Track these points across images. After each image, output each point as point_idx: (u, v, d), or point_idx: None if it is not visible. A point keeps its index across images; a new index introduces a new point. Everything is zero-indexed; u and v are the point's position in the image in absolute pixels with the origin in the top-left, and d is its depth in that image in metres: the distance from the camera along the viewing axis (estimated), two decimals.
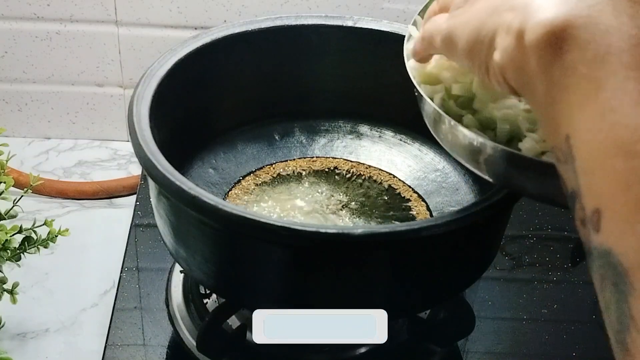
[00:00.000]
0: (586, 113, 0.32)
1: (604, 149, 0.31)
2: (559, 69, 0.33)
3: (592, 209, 0.31)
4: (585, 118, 0.32)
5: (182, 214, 0.57)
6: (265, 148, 0.77)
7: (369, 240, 0.51)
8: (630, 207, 0.30)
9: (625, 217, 0.30)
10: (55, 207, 0.88)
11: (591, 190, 0.32)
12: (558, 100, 0.33)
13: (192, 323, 0.67)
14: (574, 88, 0.32)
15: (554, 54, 0.33)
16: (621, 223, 0.30)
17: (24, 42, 0.91)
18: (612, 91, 0.31)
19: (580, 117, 0.32)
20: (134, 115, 0.59)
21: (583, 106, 0.32)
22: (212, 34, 0.70)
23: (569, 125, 0.33)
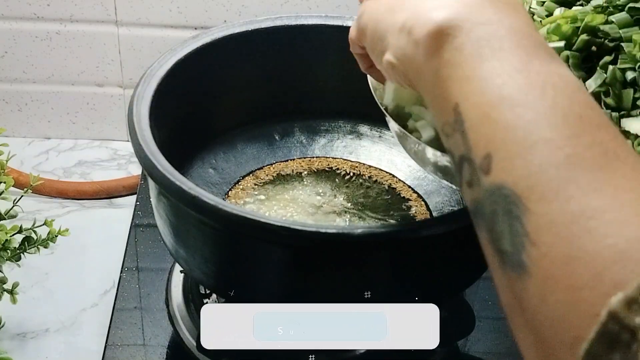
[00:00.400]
0: (475, 81, 0.37)
1: (492, 104, 0.36)
2: (448, 51, 0.39)
3: (483, 156, 0.36)
4: (474, 84, 0.37)
5: (182, 214, 0.57)
6: (265, 148, 0.77)
7: (369, 240, 0.51)
8: (519, 142, 0.34)
9: (516, 152, 0.34)
10: (55, 207, 0.88)
11: (481, 141, 0.36)
12: (448, 78, 0.39)
13: (192, 323, 0.67)
14: (462, 64, 0.38)
15: (443, 41, 0.39)
16: (511, 158, 0.35)
17: (24, 42, 0.91)
18: (497, 61, 0.37)
19: (469, 85, 0.38)
20: (134, 115, 0.59)
21: (471, 77, 0.38)
22: (212, 34, 0.70)
23: (459, 94, 0.38)
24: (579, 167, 0.33)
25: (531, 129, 0.34)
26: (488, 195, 0.36)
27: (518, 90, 0.36)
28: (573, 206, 0.32)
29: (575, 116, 0.35)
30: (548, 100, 0.35)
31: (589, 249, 0.31)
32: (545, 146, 0.34)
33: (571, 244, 0.32)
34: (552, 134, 0.34)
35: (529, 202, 0.33)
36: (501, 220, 0.35)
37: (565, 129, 0.34)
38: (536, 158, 0.34)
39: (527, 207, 0.33)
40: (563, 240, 0.32)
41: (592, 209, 0.32)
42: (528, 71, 0.36)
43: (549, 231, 0.32)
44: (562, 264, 0.32)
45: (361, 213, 0.70)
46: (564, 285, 0.31)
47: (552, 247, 0.32)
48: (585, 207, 0.32)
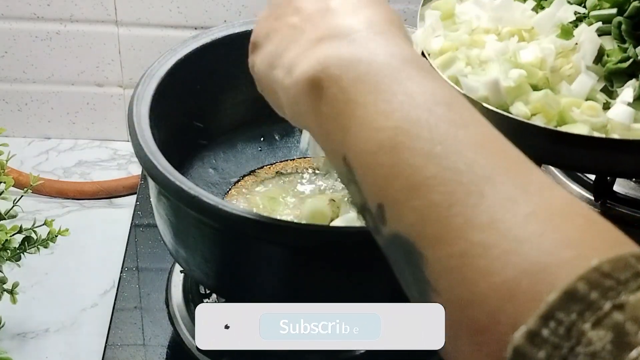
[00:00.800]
0: (352, 131, 0.37)
1: (371, 153, 0.36)
2: (325, 105, 0.38)
3: (376, 206, 0.36)
4: (353, 134, 0.37)
5: (182, 214, 0.57)
6: (265, 148, 0.77)
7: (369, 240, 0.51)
8: (400, 191, 0.34)
9: (400, 200, 0.34)
10: (55, 207, 0.88)
11: (372, 191, 0.36)
12: (330, 130, 0.38)
13: (192, 323, 0.67)
14: (339, 115, 0.37)
15: (318, 94, 0.38)
16: (399, 206, 0.34)
17: (24, 42, 0.91)
18: (367, 105, 0.36)
19: (350, 136, 0.37)
20: (134, 115, 0.59)
21: (349, 127, 0.37)
22: (212, 34, 0.70)
23: (343, 146, 0.37)
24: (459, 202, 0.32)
25: (410, 173, 0.34)
26: (389, 244, 0.36)
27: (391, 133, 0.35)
28: (460, 246, 0.32)
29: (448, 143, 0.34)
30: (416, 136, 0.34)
31: (481, 290, 0.31)
32: (425, 188, 0.33)
33: (465, 286, 0.31)
34: (430, 172, 0.33)
35: (423, 249, 0.33)
36: (405, 269, 0.35)
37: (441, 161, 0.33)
38: (419, 202, 0.33)
39: (422, 254, 0.33)
40: (458, 284, 0.32)
41: (476, 246, 0.31)
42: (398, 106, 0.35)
43: (444, 277, 0.32)
44: (461, 308, 0.32)
45: None
46: (468, 331, 0.32)
47: (451, 292, 0.32)
48: (470, 245, 0.31)
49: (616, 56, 0.62)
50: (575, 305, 0.28)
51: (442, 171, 0.33)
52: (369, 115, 0.36)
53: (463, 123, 0.35)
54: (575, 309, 0.28)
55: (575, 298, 0.29)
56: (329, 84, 0.38)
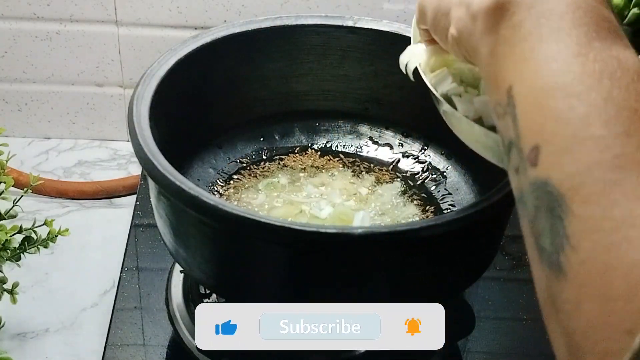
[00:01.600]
0: (530, 63, 0.36)
1: (546, 92, 0.34)
2: (506, 28, 0.37)
3: (531, 147, 0.35)
4: (529, 67, 0.36)
5: (182, 214, 0.57)
6: (265, 148, 0.77)
7: (369, 240, 0.51)
8: (568, 138, 0.33)
9: (564, 147, 0.33)
10: (55, 207, 0.88)
11: (531, 130, 0.35)
12: (503, 56, 0.37)
13: (192, 323, 0.67)
14: (520, 43, 0.36)
15: (501, 16, 0.37)
16: (559, 153, 0.33)
17: (24, 42, 0.91)
18: (555, 43, 0.35)
19: (525, 67, 0.36)
20: (134, 115, 0.59)
21: (527, 58, 0.36)
22: (212, 34, 0.70)
23: (513, 76, 0.36)
24: (627, 169, 0.32)
25: (582, 124, 0.33)
26: (533, 188, 0.35)
27: (573, 79, 0.34)
28: (616, 212, 0.31)
29: (630, 111, 0.33)
30: (603, 92, 0.33)
31: (628, 259, 0.30)
32: (595, 144, 0.32)
33: (610, 252, 0.31)
34: (603, 130, 0.32)
35: (573, 204, 0.32)
36: (544, 217, 0.34)
37: (617, 126, 0.32)
38: (584, 156, 0.32)
39: (570, 209, 0.32)
40: (603, 248, 0.31)
41: (634, 217, 0.31)
42: (586, 56, 0.34)
43: (590, 237, 0.31)
44: (599, 272, 0.31)
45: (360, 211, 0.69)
46: (599, 295, 0.31)
47: (591, 253, 0.31)
48: (628, 214, 0.31)
49: None
50: None
51: (617, 135, 0.32)
52: (554, 54, 0.35)
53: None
54: None
55: None
56: (516, 10, 0.37)
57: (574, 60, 0.35)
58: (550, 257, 0.33)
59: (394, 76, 0.75)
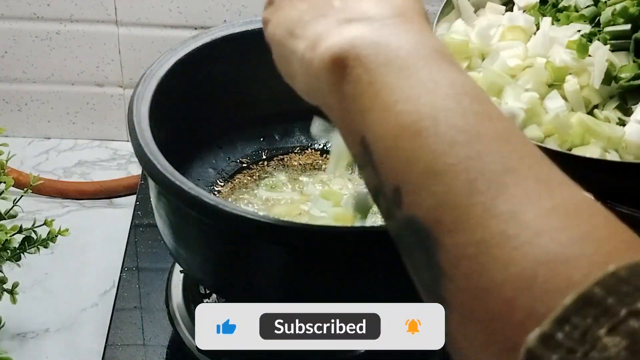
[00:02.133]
0: (375, 112, 0.37)
1: (393, 135, 0.36)
2: (348, 84, 0.38)
3: (393, 189, 0.36)
4: (375, 116, 0.37)
5: (182, 214, 0.57)
6: (265, 148, 0.77)
7: (369, 239, 0.51)
8: (421, 174, 0.34)
9: (420, 184, 0.34)
10: (55, 207, 0.88)
11: (389, 174, 0.36)
12: (351, 110, 0.38)
13: (192, 323, 0.67)
14: (362, 95, 0.37)
15: (342, 73, 0.38)
16: (417, 191, 0.34)
17: (24, 42, 0.91)
18: (392, 88, 0.36)
19: (371, 117, 0.37)
20: (134, 115, 0.59)
21: (371, 108, 0.37)
22: (212, 34, 0.70)
23: (363, 127, 0.37)
24: (479, 192, 0.32)
25: (431, 158, 0.34)
26: (403, 228, 0.36)
27: (415, 117, 0.35)
28: (478, 235, 0.32)
29: (472, 134, 0.34)
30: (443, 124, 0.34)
31: (497, 278, 0.31)
32: (446, 174, 0.33)
33: (481, 275, 0.31)
34: (452, 159, 0.33)
35: (439, 235, 0.33)
36: (418, 253, 0.35)
37: (465, 150, 0.33)
38: (439, 188, 0.33)
39: (438, 241, 0.33)
40: (474, 273, 0.32)
41: (496, 235, 0.31)
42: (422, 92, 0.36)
43: (460, 264, 0.32)
44: (475, 296, 0.32)
45: None
46: (480, 318, 0.31)
47: (465, 280, 0.32)
48: (489, 234, 0.32)
49: (630, 72, 0.62)
50: (591, 310, 0.28)
51: (465, 160, 0.33)
52: (394, 98, 0.36)
53: (487, 115, 0.35)
54: (591, 313, 0.28)
55: (592, 303, 0.28)
56: (355, 64, 0.38)
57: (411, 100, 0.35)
58: (432, 290, 0.34)
59: None
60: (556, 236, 0.31)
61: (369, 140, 0.37)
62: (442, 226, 0.33)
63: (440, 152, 0.34)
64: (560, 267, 0.30)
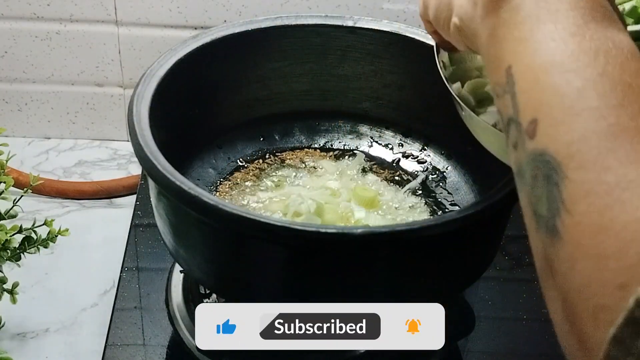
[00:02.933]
0: (529, 42, 0.38)
1: (543, 69, 0.36)
2: (506, 12, 0.39)
3: (529, 120, 0.36)
4: (528, 47, 0.38)
5: (182, 214, 0.57)
6: (265, 148, 0.77)
7: (369, 240, 0.51)
8: (565, 110, 0.35)
9: (561, 119, 0.35)
10: (55, 207, 0.88)
11: (529, 105, 0.37)
12: (503, 38, 0.39)
13: (192, 323, 0.67)
14: (519, 25, 0.38)
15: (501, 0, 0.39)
16: (556, 124, 0.35)
17: (24, 42, 0.91)
18: (553, 24, 0.37)
19: (523, 47, 0.38)
20: (134, 115, 0.59)
21: (526, 38, 0.38)
22: (212, 34, 0.70)
23: (513, 56, 0.38)
24: (620, 137, 0.33)
25: (578, 97, 0.35)
26: (531, 159, 0.36)
27: (570, 56, 0.36)
28: (609, 177, 0.32)
29: (624, 85, 0.35)
30: (599, 67, 0.35)
31: (620, 220, 0.31)
32: (590, 115, 0.34)
33: (603, 214, 0.32)
34: (598, 102, 0.34)
35: (568, 170, 0.34)
36: (540, 185, 0.35)
37: (612, 98, 0.34)
38: (580, 126, 0.34)
39: (566, 175, 0.34)
40: (596, 210, 0.32)
41: (627, 181, 0.32)
42: (582, 36, 0.36)
43: (584, 200, 0.33)
44: (592, 232, 0.32)
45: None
46: (593, 254, 0.32)
47: (585, 216, 0.33)
48: (621, 178, 0.32)
49: None
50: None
51: (612, 107, 0.34)
52: (552, 34, 0.37)
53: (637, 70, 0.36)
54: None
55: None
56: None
57: (570, 39, 0.36)
58: (547, 222, 0.35)
59: (393, 76, 0.75)
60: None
61: (515, 70, 0.38)
62: (574, 162, 0.34)
63: (589, 93, 0.35)
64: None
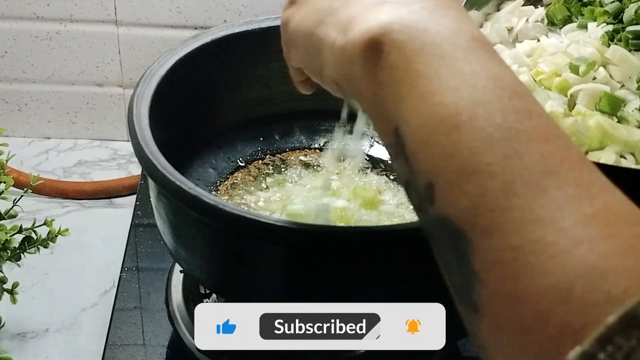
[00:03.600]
0: (410, 101, 0.35)
1: (428, 128, 0.34)
2: (382, 70, 0.36)
3: (425, 185, 0.34)
4: (410, 106, 0.35)
5: (182, 214, 0.57)
6: (265, 148, 0.77)
7: (369, 239, 0.51)
8: (456, 173, 0.33)
9: (455, 181, 0.33)
10: (55, 207, 0.88)
11: (422, 168, 0.35)
12: (385, 99, 0.36)
13: (192, 323, 0.67)
14: (397, 83, 0.36)
15: (376, 58, 0.36)
16: (451, 188, 0.33)
17: (24, 42, 0.91)
18: (429, 78, 0.34)
19: (406, 107, 0.35)
20: (134, 115, 0.59)
21: (407, 97, 0.35)
22: (212, 34, 0.70)
23: (397, 116, 0.36)
24: (517, 194, 0.31)
25: (467, 155, 0.32)
26: (435, 225, 0.34)
27: (452, 110, 0.33)
28: (514, 240, 0.30)
29: (511, 131, 0.32)
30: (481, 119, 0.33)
31: (532, 288, 0.30)
32: (483, 174, 0.32)
33: (516, 282, 0.30)
34: (488, 158, 0.32)
35: (473, 237, 0.32)
36: (450, 254, 0.33)
37: (501, 150, 0.32)
38: (474, 188, 0.32)
39: (472, 243, 0.32)
40: (508, 279, 0.30)
41: (532, 242, 0.30)
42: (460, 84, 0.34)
43: (495, 269, 0.31)
44: (509, 304, 0.30)
45: (360, 210, 0.69)
46: (514, 328, 0.30)
47: (499, 285, 0.31)
48: (525, 240, 0.30)
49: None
50: (636, 331, 0.27)
51: (503, 159, 0.32)
52: (431, 88, 0.34)
53: (528, 112, 0.33)
54: (636, 334, 0.27)
55: (636, 323, 0.27)
56: (390, 49, 0.36)
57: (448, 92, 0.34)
58: (464, 295, 0.33)
59: None
60: (596, 246, 0.29)
61: (402, 131, 0.35)
62: (477, 228, 0.32)
63: (477, 149, 0.32)
64: (598, 280, 0.28)
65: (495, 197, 0.31)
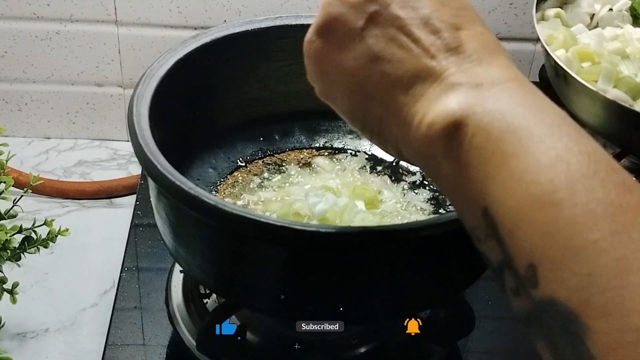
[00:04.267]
0: (500, 181, 0.34)
1: (524, 207, 0.33)
2: (467, 152, 0.36)
3: (526, 266, 0.33)
4: (501, 185, 0.34)
5: (182, 214, 0.57)
6: (265, 148, 0.77)
7: (369, 239, 0.51)
8: (561, 250, 0.31)
9: (561, 261, 0.31)
10: (55, 207, 0.88)
11: (520, 248, 0.33)
12: (470, 180, 0.36)
13: (192, 323, 0.67)
14: (485, 164, 0.35)
15: (458, 140, 0.36)
16: (557, 268, 0.31)
17: (24, 42, 0.91)
18: (519, 157, 0.34)
19: (496, 187, 0.34)
20: (134, 115, 0.59)
21: (496, 177, 0.34)
22: (212, 34, 0.70)
23: (485, 197, 0.35)
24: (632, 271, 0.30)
25: (571, 233, 0.31)
26: (540, 309, 0.33)
27: (549, 187, 0.32)
28: (635, 320, 0.29)
29: (614, 206, 0.31)
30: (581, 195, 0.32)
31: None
32: (590, 251, 0.31)
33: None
34: (595, 234, 0.31)
35: (589, 320, 0.30)
36: (561, 340, 0.32)
37: (608, 225, 0.31)
38: (584, 267, 0.31)
39: (587, 326, 0.30)
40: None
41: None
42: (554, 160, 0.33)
43: (616, 353, 0.29)
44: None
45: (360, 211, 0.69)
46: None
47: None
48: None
49: None
50: None
51: (611, 235, 0.31)
52: (523, 167, 0.33)
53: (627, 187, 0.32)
54: None
55: None
56: (475, 132, 0.35)
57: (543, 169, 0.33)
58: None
59: None
60: None
61: (493, 211, 0.34)
62: (592, 310, 0.30)
63: (581, 226, 0.31)
64: None
65: (607, 275, 0.30)
